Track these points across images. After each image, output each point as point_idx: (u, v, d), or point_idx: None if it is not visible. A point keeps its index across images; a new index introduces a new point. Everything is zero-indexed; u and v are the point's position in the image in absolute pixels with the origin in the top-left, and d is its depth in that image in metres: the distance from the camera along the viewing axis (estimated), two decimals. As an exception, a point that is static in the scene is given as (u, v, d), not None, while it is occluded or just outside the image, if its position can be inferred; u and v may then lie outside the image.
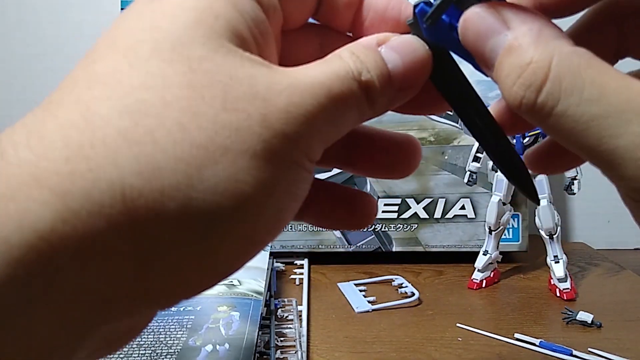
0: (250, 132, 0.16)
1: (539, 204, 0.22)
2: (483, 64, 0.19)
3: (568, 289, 0.62)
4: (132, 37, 0.17)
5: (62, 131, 0.15)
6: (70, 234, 0.14)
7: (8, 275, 0.14)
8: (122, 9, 0.76)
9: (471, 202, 0.73)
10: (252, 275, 0.57)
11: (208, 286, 0.17)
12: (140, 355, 0.43)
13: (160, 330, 0.47)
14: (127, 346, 0.44)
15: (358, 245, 0.74)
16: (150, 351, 0.44)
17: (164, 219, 0.15)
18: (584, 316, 0.54)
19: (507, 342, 0.52)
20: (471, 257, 0.68)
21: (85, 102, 0.16)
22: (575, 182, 0.63)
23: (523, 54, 0.18)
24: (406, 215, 0.73)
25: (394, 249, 0.74)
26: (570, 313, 0.55)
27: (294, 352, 0.49)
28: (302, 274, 0.68)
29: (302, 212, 0.20)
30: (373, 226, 0.74)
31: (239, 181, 0.16)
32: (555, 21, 0.19)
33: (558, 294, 0.62)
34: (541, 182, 0.64)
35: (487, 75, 0.20)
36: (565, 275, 0.62)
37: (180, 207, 0.15)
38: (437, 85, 0.21)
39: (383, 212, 0.73)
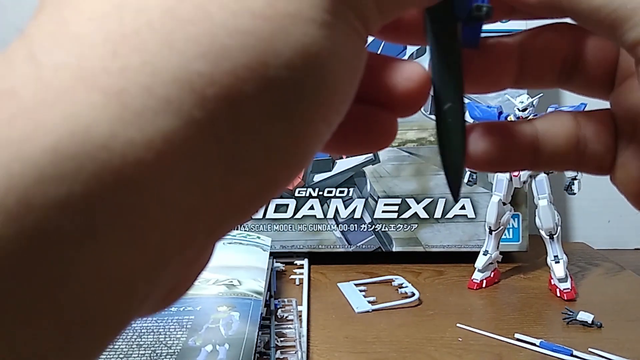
0: None
1: (455, 200, 0.21)
2: None
3: (568, 289, 0.62)
4: None
5: (96, 24, 0.13)
6: (138, 138, 0.12)
7: (66, 197, 0.11)
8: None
9: (471, 202, 0.73)
10: (252, 276, 0.57)
11: (288, 182, 0.15)
12: (140, 355, 0.43)
13: (160, 330, 0.47)
14: (127, 346, 0.44)
15: (358, 245, 0.74)
16: (150, 351, 0.44)
17: (244, 106, 0.13)
18: (584, 316, 0.54)
19: (507, 342, 0.52)
20: (471, 257, 0.68)
21: None
22: (576, 182, 0.63)
23: None
24: (406, 215, 0.73)
25: (394, 249, 0.74)
26: (571, 313, 0.55)
27: (294, 352, 0.49)
28: (302, 274, 0.68)
29: None
30: (373, 226, 0.74)
31: (312, 53, 0.14)
32: None
33: (558, 294, 0.62)
34: (541, 182, 0.64)
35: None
36: (566, 275, 0.62)
37: (259, 89, 0.13)
38: (430, 16, 0.19)
39: (383, 212, 0.73)
